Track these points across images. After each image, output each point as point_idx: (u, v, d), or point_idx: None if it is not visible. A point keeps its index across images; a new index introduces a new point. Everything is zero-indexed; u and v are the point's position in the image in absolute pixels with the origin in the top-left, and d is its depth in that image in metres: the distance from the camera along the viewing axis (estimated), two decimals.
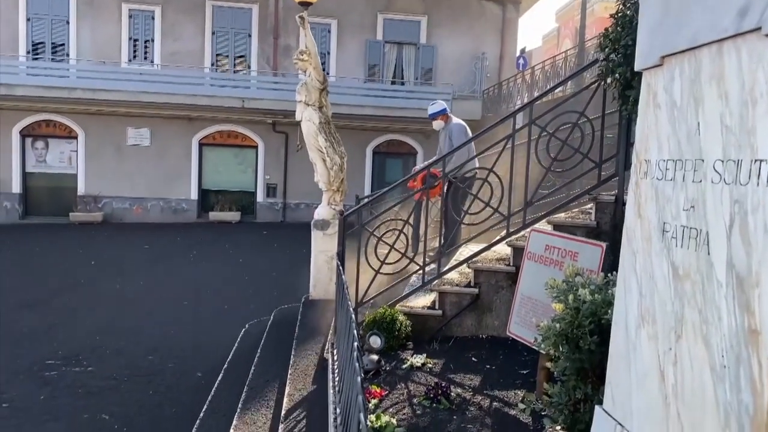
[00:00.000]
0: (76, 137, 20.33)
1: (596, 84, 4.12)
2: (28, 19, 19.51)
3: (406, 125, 19.69)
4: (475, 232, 5.25)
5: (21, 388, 5.44)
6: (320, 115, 6.76)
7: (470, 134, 5.93)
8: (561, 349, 2.62)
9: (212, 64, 20.47)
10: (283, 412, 3.85)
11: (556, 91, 8.75)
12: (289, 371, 4.55)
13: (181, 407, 5.06)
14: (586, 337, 2.53)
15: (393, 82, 20.69)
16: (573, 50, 13.76)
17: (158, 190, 20.51)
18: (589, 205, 4.59)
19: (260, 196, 21.21)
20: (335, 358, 3.87)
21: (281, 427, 3.65)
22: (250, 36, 20.47)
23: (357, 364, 2.11)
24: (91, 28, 19.79)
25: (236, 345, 6.43)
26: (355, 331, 2.55)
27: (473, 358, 4.08)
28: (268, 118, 20.48)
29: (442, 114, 6.21)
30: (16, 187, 20.10)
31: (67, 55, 19.89)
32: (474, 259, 4.55)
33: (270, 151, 21.03)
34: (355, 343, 2.37)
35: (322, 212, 6.97)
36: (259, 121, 20.64)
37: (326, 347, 4.71)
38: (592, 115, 4.33)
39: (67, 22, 19.66)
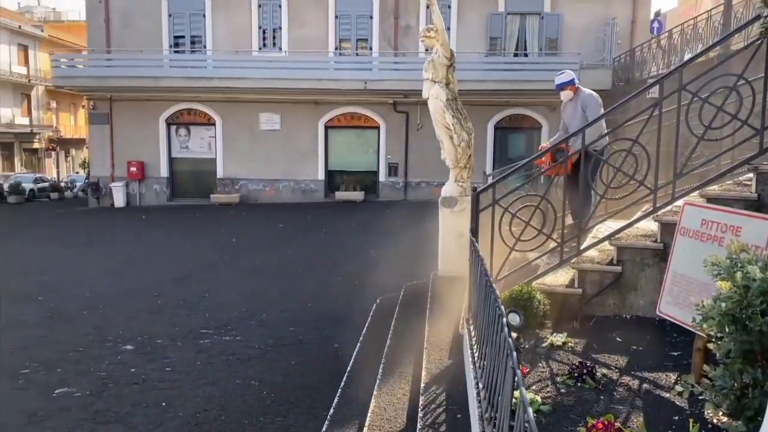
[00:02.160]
0: (214, 124, 21.77)
1: (758, 42, 3.74)
2: (169, 15, 21.04)
3: (530, 98, 19.07)
4: (614, 208, 5.01)
5: (180, 353, 5.98)
6: (447, 91, 6.69)
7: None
8: (726, 329, 2.44)
9: (336, 48, 20.99)
10: (422, 384, 3.93)
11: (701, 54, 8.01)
12: (425, 345, 4.63)
13: (322, 376, 5.32)
14: (757, 318, 2.33)
15: (515, 55, 20.08)
16: (716, 10, 12.54)
17: (288, 172, 21.51)
18: (747, 176, 4.21)
19: (382, 176, 21.59)
20: (472, 333, 3.88)
21: (421, 399, 3.73)
22: (371, 18, 20.72)
23: (510, 341, 2.10)
24: (225, 20, 20.98)
25: (369, 319, 6.63)
26: (501, 308, 2.53)
27: (617, 338, 3.92)
28: (389, 99, 20.72)
29: (571, 84, 5.81)
30: (164, 172, 21.94)
31: (204, 46, 21.25)
32: (617, 236, 4.34)
33: (391, 131, 21.29)
34: (504, 319, 2.35)
35: (449, 189, 6.94)
36: (381, 102, 20.92)
37: (461, 323, 4.73)
38: (752, 76, 3.95)
39: (204, 16, 20.99)
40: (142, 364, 5.65)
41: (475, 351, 3.62)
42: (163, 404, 4.75)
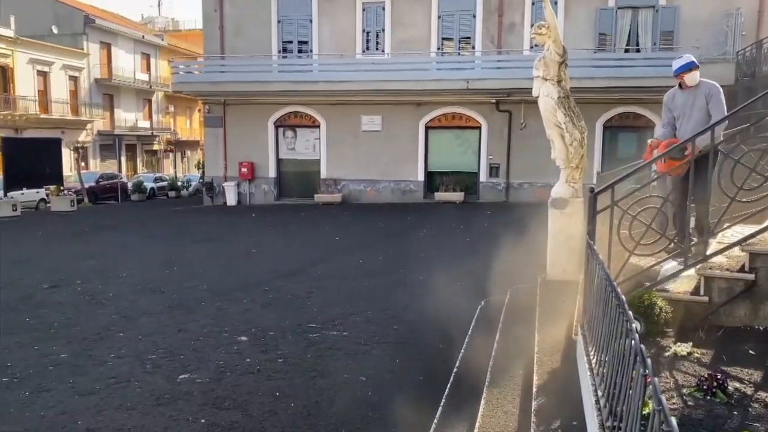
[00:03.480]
0: (318, 126, 22.44)
1: None
2: (278, 22, 21.91)
3: (642, 96, 18.12)
4: (742, 211, 4.66)
5: (290, 346, 6.21)
6: (559, 89, 6.50)
7: None
8: None
9: (438, 48, 21.00)
10: (534, 389, 3.85)
11: None
12: (536, 349, 4.53)
13: (428, 376, 5.33)
14: None
15: (626, 50, 19.19)
16: None
17: (389, 173, 21.76)
18: None
19: (483, 177, 21.34)
20: (588, 339, 3.75)
21: (534, 404, 3.66)
22: (474, 17, 20.54)
23: (642, 348, 2.01)
24: (330, 24, 21.57)
25: (474, 321, 6.57)
26: (629, 313, 2.42)
27: (750, 351, 3.64)
28: (491, 98, 20.45)
29: (696, 67, 5.03)
30: (272, 172, 22.88)
31: (311, 51, 21.95)
32: (749, 242, 4.04)
33: (493, 131, 21.00)
34: (634, 325, 2.26)
35: (559, 190, 6.75)
36: (483, 102, 20.69)
37: (574, 329, 4.58)
38: None
39: (311, 21, 21.68)
40: (256, 354, 5.92)
41: (592, 357, 3.50)
42: (277, 394, 4.95)
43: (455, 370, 5.19)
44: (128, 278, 9.70)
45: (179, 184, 33.84)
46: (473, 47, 20.96)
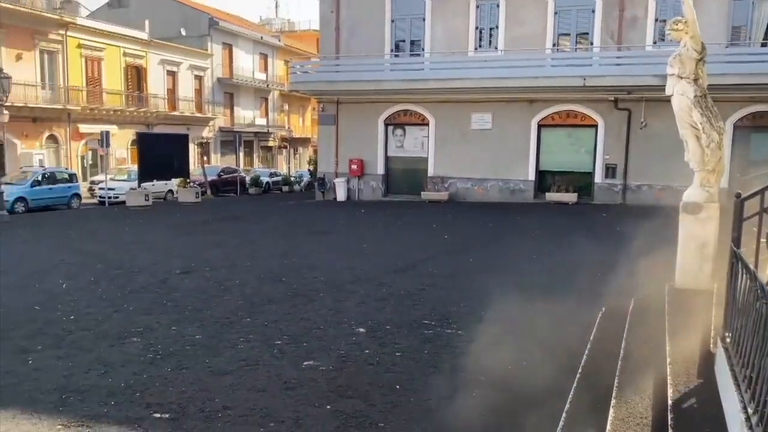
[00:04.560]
0: (427, 124, 22.55)
1: None
2: (392, 21, 22.23)
3: None
4: None
5: (407, 340, 6.32)
6: (695, 88, 6.14)
7: None
8: None
9: (553, 45, 20.43)
10: (669, 401, 3.68)
11: None
12: (668, 361, 4.32)
13: (549, 381, 5.24)
14: None
15: (764, 44, 17.72)
16: None
17: (498, 172, 21.48)
18: None
19: (598, 177, 20.54)
20: (733, 353, 3.54)
21: (670, 416, 3.50)
22: (593, 12, 19.79)
23: None
24: (443, 22, 21.59)
25: (595, 328, 6.36)
26: None
27: None
28: (609, 96, 19.63)
29: None
30: (380, 169, 23.28)
31: (422, 49, 22.09)
32: None
33: (610, 130, 20.15)
34: None
35: (693, 194, 6.37)
36: (600, 99, 19.91)
37: (712, 341, 4.33)
38: None
39: (423, 20, 21.81)
40: (374, 347, 6.08)
41: (738, 372, 3.30)
42: (397, 387, 5.07)
43: (577, 376, 5.06)
44: (251, 267, 10.27)
45: (292, 179, 35.25)
46: (591, 43, 20.22)
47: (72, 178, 23.24)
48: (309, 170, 38.21)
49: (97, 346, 6.05)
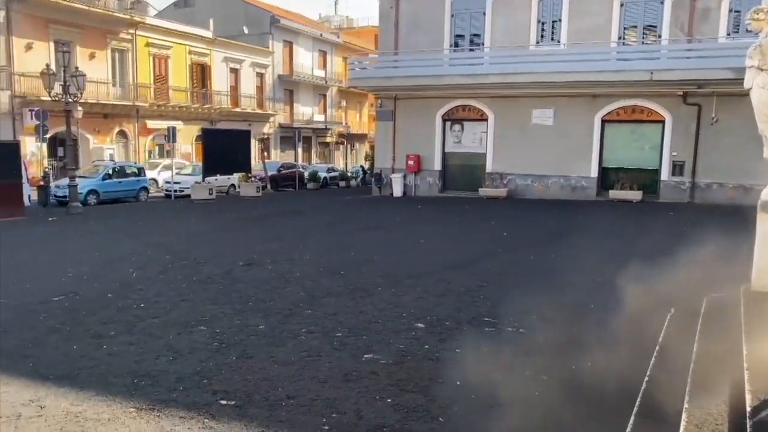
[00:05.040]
0: (486, 119, 22.31)
1: None
2: (452, 16, 22.07)
3: None
4: None
5: (467, 338, 6.26)
6: None
7: None
8: None
9: (619, 38, 19.82)
10: (748, 408, 3.51)
11: None
12: (745, 366, 4.12)
13: (616, 382, 5.09)
14: None
15: None
16: None
17: (559, 168, 21.04)
18: None
19: (665, 175, 19.84)
20: None
21: (749, 423, 3.34)
22: (662, 3, 19.11)
23: None
24: (504, 16, 21.28)
25: (663, 330, 6.13)
26: None
27: None
28: (678, 90, 18.90)
29: None
30: (438, 165, 23.19)
31: (482, 44, 21.84)
32: None
33: (678, 126, 19.41)
34: None
35: None
36: (668, 94, 19.21)
37: None
38: None
39: (484, 14, 21.56)
40: (434, 342, 6.07)
41: None
42: (458, 383, 5.04)
43: (646, 377, 4.89)
44: (311, 260, 10.43)
45: (348, 174, 35.56)
46: (659, 35, 19.50)
47: (140, 172, 24.17)
48: (361, 167, 38.55)
49: (165, 333, 6.28)
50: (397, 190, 23.37)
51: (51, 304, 7.38)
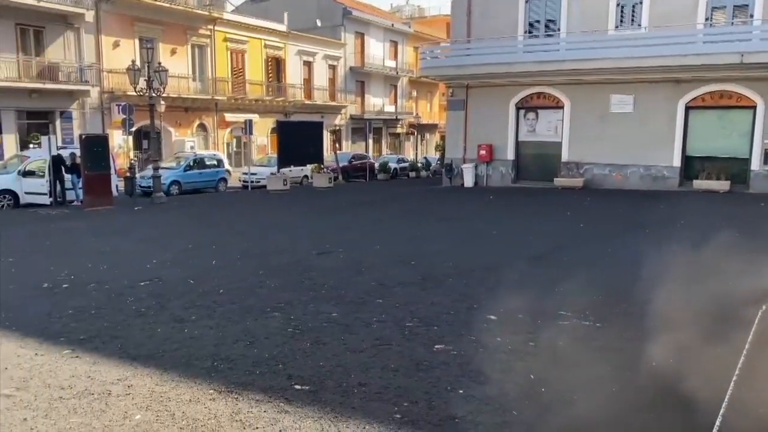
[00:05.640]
0: (562, 107, 21.68)
1: None
2: (526, 1, 21.54)
3: None
4: None
5: (541, 331, 6.12)
6: None
7: None
8: None
9: (706, 19, 18.73)
10: None
11: None
12: None
13: (702, 382, 4.85)
14: None
15: None
16: None
17: (639, 157, 20.22)
18: None
19: (755, 164, 18.68)
20: None
21: None
22: None
23: None
24: (580, 1, 20.54)
25: (754, 327, 5.79)
26: None
27: None
28: None
29: None
30: (511, 155, 22.77)
31: (558, 29, 21.20)
32: None
33: None
34: None
35: None
36: (760, 78, 18.02)
37: None
38: None
39: None
40: (507, 335, 5.96)
41: None
42: (531, 377, 4.94)
43: (734, 378, 4.63)
44: (381, 250, 10.50)
45: (419, 165, 35.50)
46: (751, 15, 18.30)
47: (219, 163, 25.05)
48: (424, 157, 38.36)
49: (243, 318, 6.49)
50: (468, 181, 23.12)
51: (137, 289, 7.78)
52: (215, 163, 24.82)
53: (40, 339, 5.81)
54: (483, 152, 22.80)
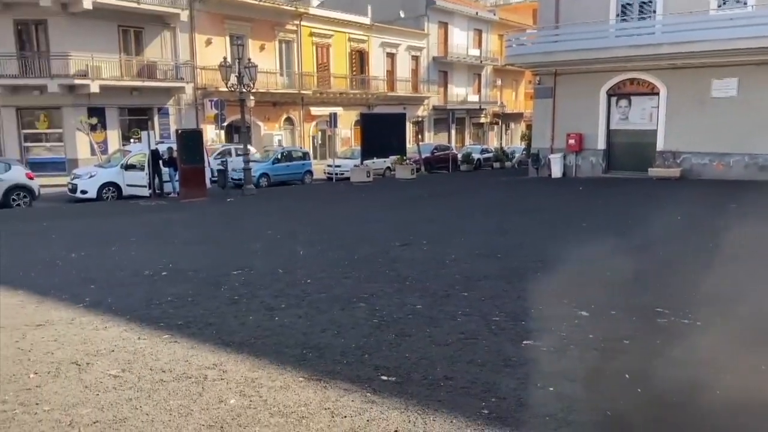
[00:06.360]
0: (657, 93, 20.59)
1: None
2: None
3: None
4: None
5: (634, 329, 5.84)
6: None
7: None
8: None
9: None
10: None
11: None
12: None
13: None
14: None
15: None
16: None
17: (743, 145, 18.90)
18: None
19: None
20: None
21: None
22: None
23: None
24: None
25: None
26: None
27: None
28: None
29: None
30: (601, 144, 21.90)
31: (654, 12, 20.10)
32: None
33: None
34: None
35: None
36: None
37: None
38: None
39: None
40: (599, 332, 5.73)
41: None
42: (627, 376, 4.72)
43: None
44: (466, 242, 10.38)
45: (504, 155, 34.84)
46: None
47: (305, 156, 25.64)
48: (503, 148, 37.45)
49: (330, 308, 6.60)
50: (556, 171, 22.44)
51: (230, 277, 8.09)
52: (301, 155, 25.43)
53: (142, 324, 6.16)
54: (572, 141, 22.03)
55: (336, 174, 25.46)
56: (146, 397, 4.40)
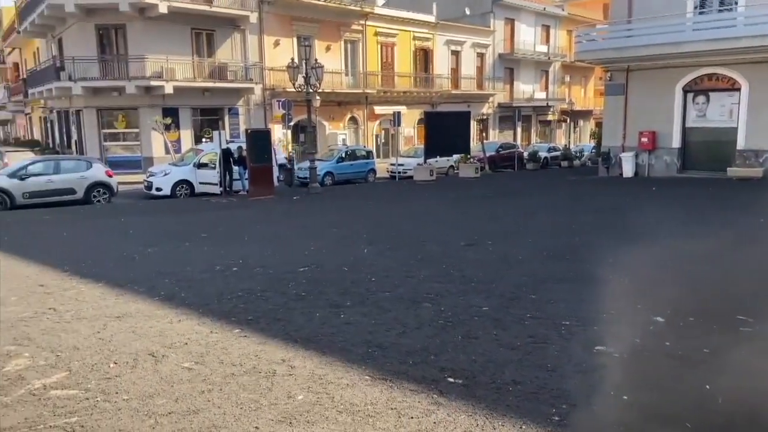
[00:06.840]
0: (738, 89, 19.55)
1: None
2: None
3: None
4: None
5: (716, 336, 5.55)
6: None
7: None
8: None
9: None
10: None
11: None
12: None
13: None
14: None
15: None
16: None
17: None
18: None
19: None
20: None
21: None
22: None
23: None
24: None
25: None
26: None
27: None
28: None
29: None
30: (676, 142, 21.00)
31: (735, 4, 19.10)
32: None
33: None
34: None
35: None
36: None
37: None
38: None
39: None
40: (675, 339, 5.48)
41: None
42: (707, 387, 4.49)
43: None
44: (533, 242, 10.17)
45: (573, 152, 33.97)
46: None
47: (369, 155, 25.80)
48: (567, 146, 36.33)
49: (394, 307, 6.60)
50: (627, 170, 21.66)
51: (298, 274, 8.23)
52: (365, 154, 25.61)
53: (214, 318, 6.34)
54: (645, 140, 21.21)
55: (399, 173, 25.51)
56: (218, 390, 4.52)
